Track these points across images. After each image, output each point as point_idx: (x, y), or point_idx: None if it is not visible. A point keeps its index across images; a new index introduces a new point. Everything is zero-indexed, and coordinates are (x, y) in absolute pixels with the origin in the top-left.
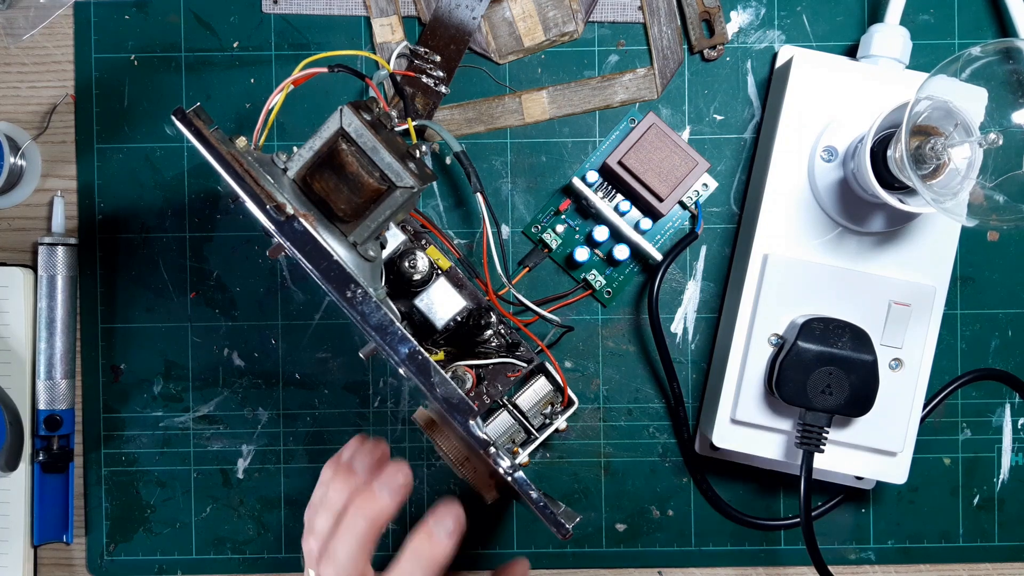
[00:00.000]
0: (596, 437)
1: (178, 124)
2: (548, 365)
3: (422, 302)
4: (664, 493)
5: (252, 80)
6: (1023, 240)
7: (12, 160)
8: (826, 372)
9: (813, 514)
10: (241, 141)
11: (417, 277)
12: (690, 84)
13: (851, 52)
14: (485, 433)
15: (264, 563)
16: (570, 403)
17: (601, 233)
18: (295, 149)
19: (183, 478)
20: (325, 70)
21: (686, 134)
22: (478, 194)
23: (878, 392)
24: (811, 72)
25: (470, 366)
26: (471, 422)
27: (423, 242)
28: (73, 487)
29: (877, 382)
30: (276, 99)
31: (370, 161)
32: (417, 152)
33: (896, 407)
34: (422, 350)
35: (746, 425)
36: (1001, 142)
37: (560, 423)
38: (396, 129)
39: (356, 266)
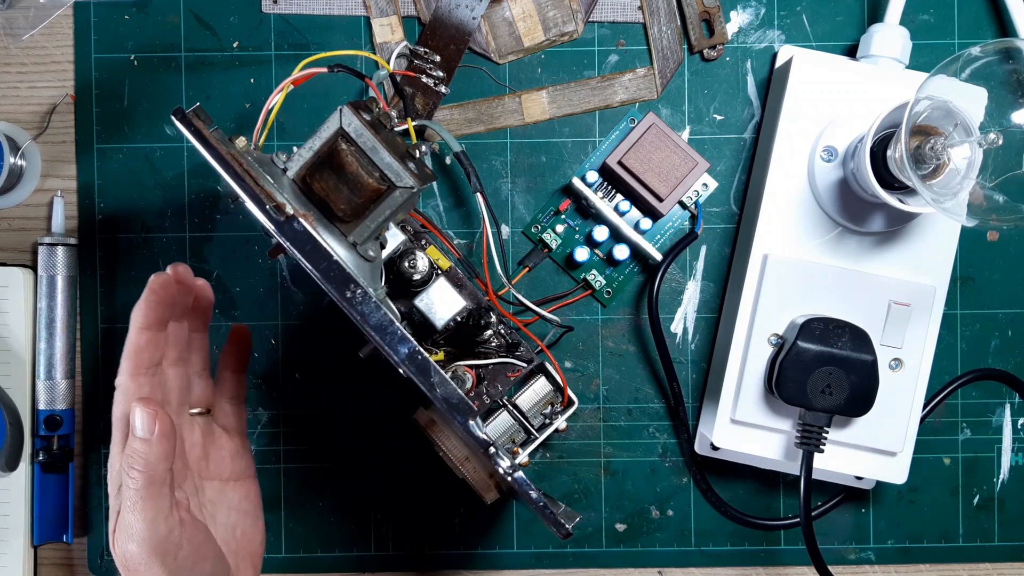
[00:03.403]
0: (596, 437)
1: (178, 124)
2: (548, 365)
3: (422, 302)
4: (664, 493)
5: (252, 80)
6: (1023, 240)
7: (12, 160)
8: (826, 372)
9: (813, 514)
10: (241, 141)
11: (417, 277)
12: (690, 84)
13: (851, 52)
14: (485, 433)
15: (264, 563)
16: (570, 403)
17: (601, 233)
18: (295, 149)
19: None
20: (325, 70)
21: (686, 134)
22: (478, 194)
23: (878, 392)
24: (811, 72)
25: (470, 366)
26: (471, 422)
27: (423, 242)
28: (73, 487)
29: (877, 382)
30: (276, 99)
31: (370, 161)
32: (417, 152)
33: (896, 407)
34: (422, 350)
35: (746, 425)
36: (1001, 142)
37: (560, 423)
38: (396, 129)
39: (356, 266)
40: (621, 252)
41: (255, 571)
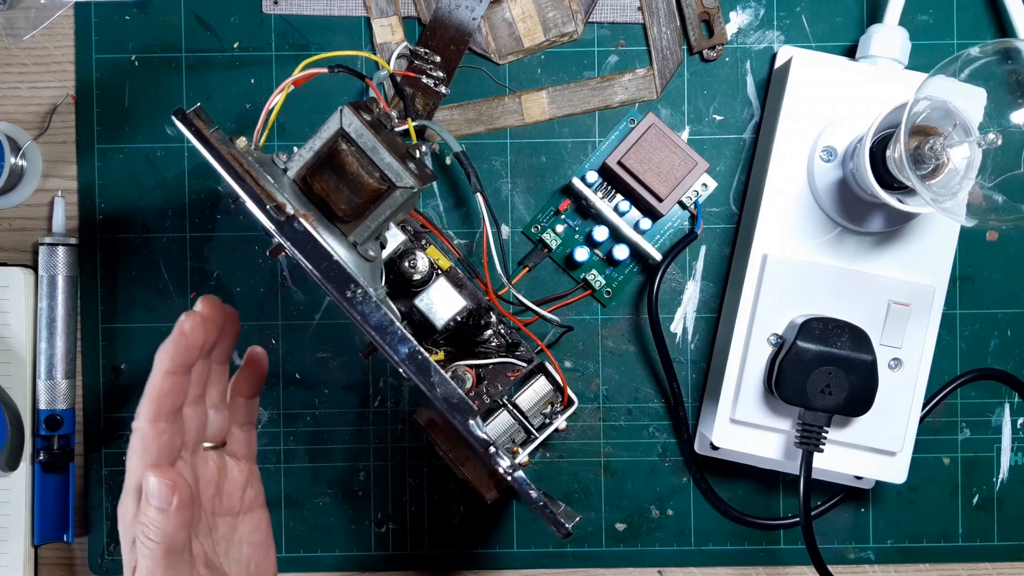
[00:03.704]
0: (596, 437)
1: (178, 124)
2: (548, 365)
3: (422, 302)
4: (664, 493)
5: (252, 80)
6: (1022, 240)
7: (13, 160)
8: (825, 372)
9: (813, 514)
10: (241, 141)
11: (417, 277)
12: (689, 84)
13: (850, 52)
14: (485, 433)
15: None
16: (570, 403)
17: (601, 233)
18: (295, 149)
19: None
20: (325, 70)
21: (685, 134)
22: (478, 194)
23: (877, 392)
24: (810, 72)
25: (470, 366)
26: (471, 422)
27: (423, 242)
28: (74, 487)
29: (876, 382)
30: (276, 99)
31: (370, 161)
32: (417, 152)
33: (895, 407)
34: (422, 350)
35: (746, 425)
36: (1000, 142)
37: (560, 423)
38: (396, 129)
39: (356, 266)
40: (621, 252)
41: None
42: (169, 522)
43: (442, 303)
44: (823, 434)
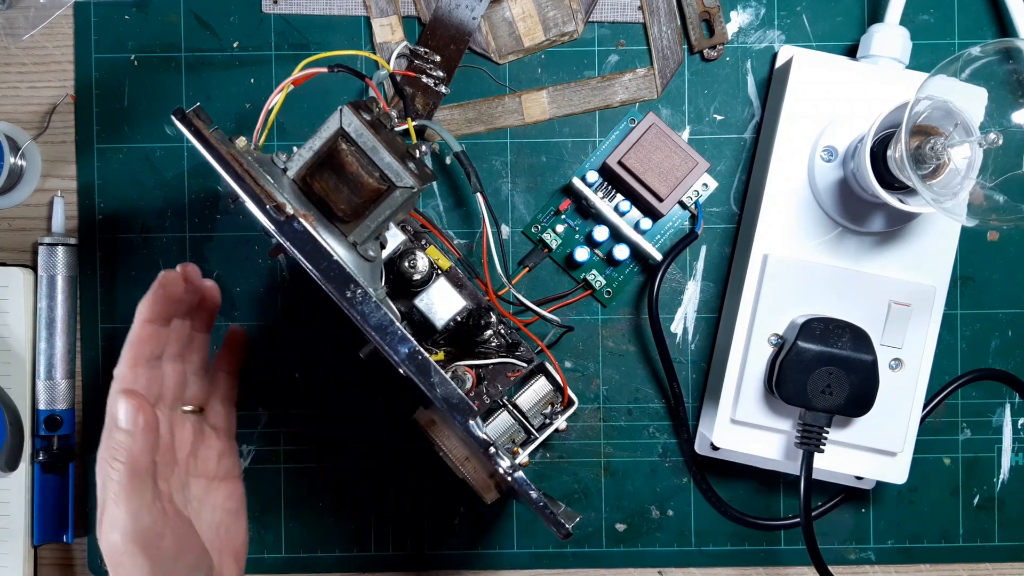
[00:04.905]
0: (596, 437)
1: (178, 124)
2: (548, 365)
3: (422, 302)
4: (664, 493)
5: (252, 80)
6: (1023, 240)
7: (12, 160)
8: (826, 372)
9: (813, 514)
10: (241, 141)
11: (417, 277)
12: (690, 84)
13: (851, 52)
14: (485, 433)
15: (264, 563)
16: (570, 403)
17: (601, 233)
18: (295, 149)
19: None
20: (325, 70)
21: (686, 134)
22: (478, 194)
23: (878, 392)
24: (811, 72)
25: (470, 366)
26: (471, 422)
27: (423, 242)
28: (73, 487)
29: (877, 382)
30: (276, 99)
31: (370, 161)
32: (417, 152)
33: (896, 407)
34: (422, 350)
35: (746, 425)
36: (1001, 142)
37: (560, 423)
38: (396, 129)
39: (356, 266)
40: (621, 252)
41: (239, 567)
42: (135, 443)
43: (442, 303)
44: (824, 434)
